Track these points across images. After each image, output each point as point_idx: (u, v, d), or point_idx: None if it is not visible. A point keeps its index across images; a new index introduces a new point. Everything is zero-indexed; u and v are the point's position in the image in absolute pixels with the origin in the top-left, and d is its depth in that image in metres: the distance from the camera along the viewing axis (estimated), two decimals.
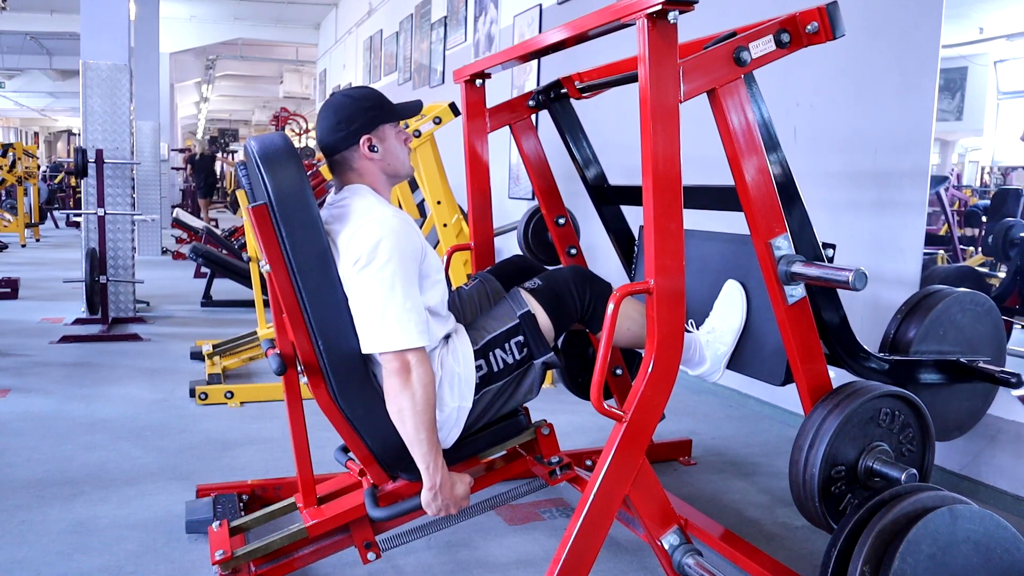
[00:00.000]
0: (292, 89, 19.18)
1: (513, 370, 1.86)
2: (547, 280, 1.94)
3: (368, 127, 1.84)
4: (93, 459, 2.76)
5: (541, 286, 1.92)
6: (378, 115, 1.86)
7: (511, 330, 1.85)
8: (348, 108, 1.85)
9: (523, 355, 1.86)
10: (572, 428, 3.18)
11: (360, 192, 1.84)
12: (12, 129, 30.99)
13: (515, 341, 1.85)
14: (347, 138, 1.84)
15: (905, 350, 2.00)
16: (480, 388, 1.83)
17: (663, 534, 1.67)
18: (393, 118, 1.89)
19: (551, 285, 1.92)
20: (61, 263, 8.52)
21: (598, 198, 2.56)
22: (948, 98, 2.69)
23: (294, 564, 1.96)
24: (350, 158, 1.86)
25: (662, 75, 1.49)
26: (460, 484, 1.77)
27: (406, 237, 1.73)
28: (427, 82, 7.79)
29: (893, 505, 1.47)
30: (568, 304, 1.90)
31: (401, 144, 1.91)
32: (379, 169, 1.88)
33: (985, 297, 2.08)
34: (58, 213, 14.41)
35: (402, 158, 1.91)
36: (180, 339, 4.84)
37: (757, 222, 1.66)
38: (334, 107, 1.86)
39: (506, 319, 1.87)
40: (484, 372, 1.83)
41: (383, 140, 1.87)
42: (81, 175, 5.14)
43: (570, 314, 1.91)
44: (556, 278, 1.94)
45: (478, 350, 1.84)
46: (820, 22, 1.64)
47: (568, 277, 1.94)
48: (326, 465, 2.42)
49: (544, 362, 1.86)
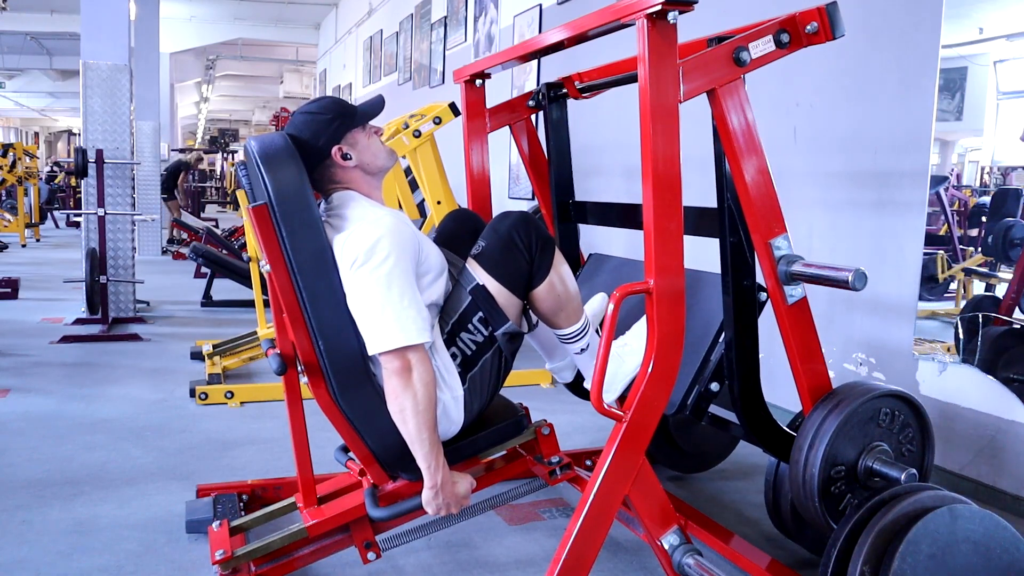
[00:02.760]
0: (292, 89, 19.17)
1: (486, 349, 1.81)
2: (491, 238, 1.82)
3: (335, 138, 1.84)
4: (93, 459, 2.76)
5: (484, 248, 1.82)
6: (340, 124, 1.85)
7: (468, 309, 1.80)
8: (310, 126, 1.83)
9: (489, 330, 1.81)
10: (572, 428, 3.18)
11: (350, 199, 1.84)
12: (12, 129, 30.99)
13: (477, 318, 1.80)
14: (317, 155, 1.83)
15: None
16: (464, 375, 1.81)
17: (663, 534, 1.67)
18: (356, 123, 1.87)
19: (495, 243, 1.81)
20: (61, 263, 8.52)
21: (559, 213, 2.51)
22: (948, 98, 2.69)
23: (294, 564, 1.96)
24: (328, 172, 1.87)
25: (662, 75, 1.49)
26: (461, 483, 1.77)
27: (401, 236, 1.73)
28: (427, 82, 7.79)
29: (893, 505, 1.47)
30: (517, 261, 1.79)
31: (372, 139, 1.89)
32: (360, 172, 1.87)
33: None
34: (58, 213, 14.41)
35: (378, 152, 1.89)
36: (180, 339, 4.84)
37: (757, 222, 1.67)
38: (296, 128, 1.84)
39: (461, 298, 1.81)
40: (460, 359, 1.80)
41: (353, 145, 1.86)
42: (81, 175, 5.14)
43: (521, 272, 1.80)
44: (499, 233, 1.82)
45: (446, 339, 1.81)
46: (820, 22, 1.64)
47: (509, 229, 1.81)
48: (326, 465, 2.42)
49: (504, 333, 1.80)
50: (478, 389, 1.84)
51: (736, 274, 1.77)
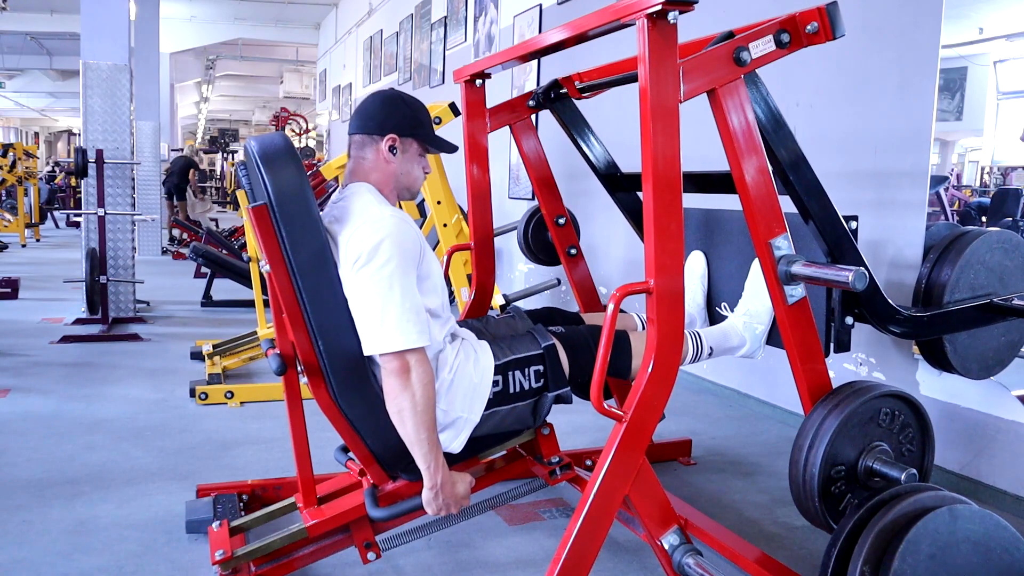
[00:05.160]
0: (292, 89, 19.17)
1: (527, 396, 1.89)
2: (570, 331, 2.00)
3: (400, 130, 1.86)
4: (93, 459, 2.77)
5: (564, 333, 1.98)
6: (415, 127, 1.88)
7: (533, 357, 1.89)
8: (394, 104, 1.88)
9: (539, 384, 1.89)
10: (572, 428, 3.18)
11: (361, 191, 1.84)
12: (12, 129, 30.98)
13: (535, 369, 1.88)
14: (377, 127, 1.85)
15: (939, 298, 2.02)
16: (492, 405, 1.84)
17: (663, 534, 1.67)
18: (426, 139, 1.90)
19: (573, 335, 1.98)
20: (61, 263, 8.52)
21: (611, 186, 2.58)
22: (948, 98, 2.69)
23: (294, 564, 1.96)
24: (368, 148, 1.87)
25: (662, 75, 1.49)
26: (461, 483, 1.77)
27: (405, 237, 1.73)
28: (427, 82, 7.79)
29: (893, 505, 1.47)
30: (585, 357, 1.93)
31: (418, 166, 1.92)
32: (389, 174, 1.88)
33: (1012, 233, 2.11)
34: (58, 213, 14.41)
35: (415, 178, 1.92)
36: (180, 339, 4.84)
37: (757, 222, 1.66)
38: (383, 98, 1.89)
39: (530, 346, 1.91)
40: (499, 389, 1.85)
41: (405, 151, 1.88)
42: (81, 175, 5.14)
43: (585, 367, 1.93)
44: (578, 331, 2.00)
45: (499, 365, 1.86)
46: (820, 22, 1.64)
47: (588, 333, 1.99)
48: (326, 465, 2.42)
49: (557, 395, 1.91)
50: (494, 425, 1.87)
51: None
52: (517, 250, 2.87)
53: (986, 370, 2.15)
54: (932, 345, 2.11)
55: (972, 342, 2.09)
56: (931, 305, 2.03)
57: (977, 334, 2.09)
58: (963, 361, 2.11)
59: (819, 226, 1.79)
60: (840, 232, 1.80)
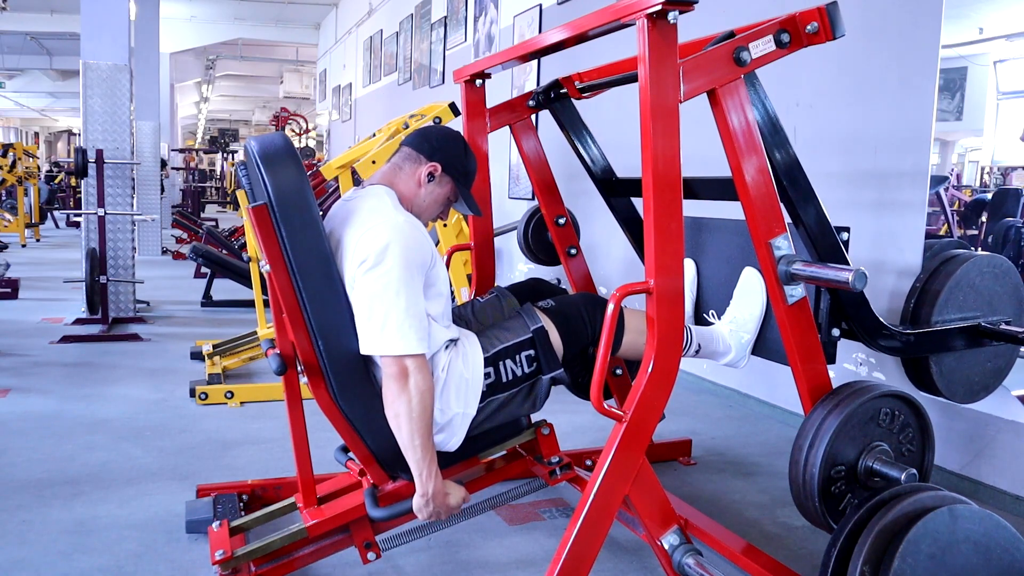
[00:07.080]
0: (292, 89, 19.18)
1: (521, 382, 1.88)
2: (560, 302, 1.98)
3: (446, 166, 1.92)
4: (93, 459, 2.77)
5: (554, 307, 1.96)
6: (460, 173, 1.95)
7: (523, 343, 1.87)
8: (456, 144, 1.96)
9: (532, 369, 1.88)
10: (572, 428, 3.18)
11: (380, 193, 1.85)
12: (12, 129, 30.98)
13: (526, 354, 1.87)
14: (430, 151, 1.91)
15: (927, 319, 2.02)
16: (486, 396, 1.84)
17: (663, 534, 1.67)
18: (462, 186, 1.97)
19: (563, 308, 1.96)
20: (61, 263, 8.52)
21: (607, 191, 2.57)
22: (948, 98, 2.69)
23: (294, 564, 1.96)
24: (411, 162, 1.92)
25: (662, 75, 1.49)
26: (454, 494, 1.77)
27: (416, 243, 1.74)
28: (427, 82, 7.79)
29: (893, 505, 1.47)
30: (578, 327, 1.93)
31: (440, 204, 1.97)
32: (414, 193, 1.91)
33: (1002, 258, 2.11)
34: (58, 213, 14.41)
35: (431, 211, 1.96)
36: (180, 339, 4.84)
37: (757, 222, 1.66)
38: (451, 134, 1.98)
39: (519, 332, 1.89)
40: (492, 380, 1.84)
41: (440, 185, 1.93)
42: (81, 175, 5.14)
43: (580, 338, 1.94)
44: (568, 301, 1.99)
45: (488, 357, 1.85)
46: (820, 22, 1.64)
47: (579, 302, 1.98)
48: (326, 465, 2.42)
49: (552, 377, 1.90)
50: (490, 414, 1.87)
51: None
52: (517, 250, 2.87)
53: (971, 395, 2.14)
54: (918, 366, 2.10)
55: (959, 365, 2.08)
56: (919, 324, 2.03)
57: (964, 358, 2.08)
58: (949, 384, 2.10)
59: (811, 234, 1.77)
60: (831, 242, 1.79)
